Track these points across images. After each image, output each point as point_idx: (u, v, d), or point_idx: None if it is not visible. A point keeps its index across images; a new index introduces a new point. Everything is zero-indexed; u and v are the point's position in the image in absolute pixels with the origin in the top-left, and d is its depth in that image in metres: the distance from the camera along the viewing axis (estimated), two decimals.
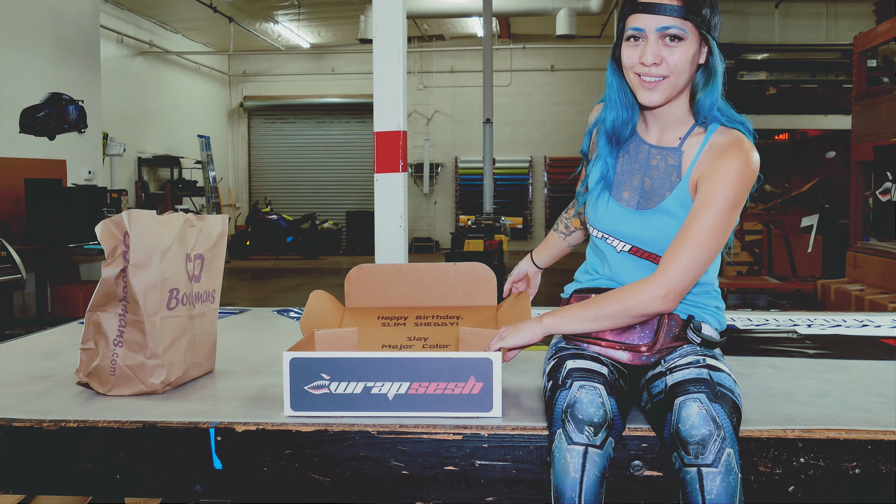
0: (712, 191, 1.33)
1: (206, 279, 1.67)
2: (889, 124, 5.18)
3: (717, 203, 1.32)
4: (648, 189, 1.44)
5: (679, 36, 1.33)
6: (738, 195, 1.33)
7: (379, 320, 1.83)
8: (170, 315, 1.55)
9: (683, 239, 1.33)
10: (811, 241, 6.40)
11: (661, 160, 1.44)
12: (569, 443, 1.20)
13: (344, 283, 1.91)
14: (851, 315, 2.40)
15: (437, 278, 1.88)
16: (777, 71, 9.43)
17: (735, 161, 1.33)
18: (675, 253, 1.33)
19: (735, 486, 1.15)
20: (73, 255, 5.67)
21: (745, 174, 1.33)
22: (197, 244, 1.63)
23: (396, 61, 3.13)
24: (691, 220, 1.34)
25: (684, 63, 1.35)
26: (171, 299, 1.55)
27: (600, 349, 1.39)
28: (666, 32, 1.33)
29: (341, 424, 1.35)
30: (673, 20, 1.32)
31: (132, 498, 1.72)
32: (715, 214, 1.32)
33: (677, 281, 1.33)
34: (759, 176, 1.37)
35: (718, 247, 1.35)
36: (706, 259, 1.33)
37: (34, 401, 1.50)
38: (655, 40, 1.34)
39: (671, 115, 1.44)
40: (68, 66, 6.09)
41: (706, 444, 1.15)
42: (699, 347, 1.39)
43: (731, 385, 1.26)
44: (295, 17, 11.33)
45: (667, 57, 1.34)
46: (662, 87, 1.36)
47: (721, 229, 1.33)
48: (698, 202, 1.35)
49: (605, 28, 11.37)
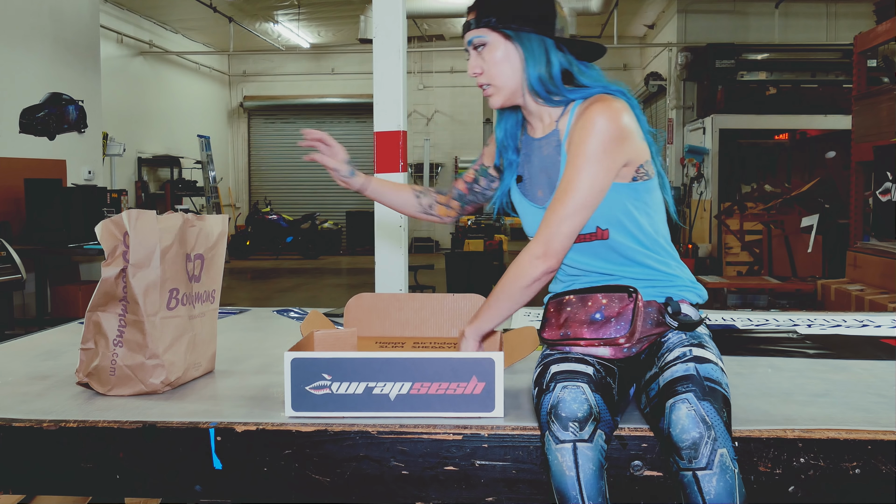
0: (575, 146, 1.38)
1: (206, 279, 1.67)
2: (889, 124, 5.18)
3: (581, 154, 1.36)
4: (550, 179, 1.49)
5: (482, 43, 1.45)
6: (604, 142, 1.35)
7: (377, 345, 1.84)
8: (170, 315, 1.55)
9: (556, 196, 1.38)
10: (811, 241, 6.40)
11: (548, 147, 1.50)
12: (556, 442, 1.20)
13: (343, 312, 1.91)
14: (851, 315, 2.40)
15: (435, 308, 1.88)
16: (777, 71, 9.43)
17: (593, 113, 1.36)
18: (547, 214, 1.38)
19: (733, 482, 1.15)
20: (73, 255, 5.67)
21: (604, 124, 1.35)
22: (197, 244, 1.63)
23: (396, 61, 3.13)
24: (564, 176, 1.39)
25: (496, 65, 1.45)
26: (170, 299, 1.55)
27: (582, 349, 1.39)
28: (475, 44, 1.46)
29: (341, 425, 1.34)
30: (471, 33, 1.46)
31: (132, 498, 1.72)
32: (581, 166, 1.35)
33: (553, 239, 1.36)
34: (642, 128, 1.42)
35: (592, 197, 1.36)
36: (581, 211, 1.36)
37: (34, 401, 1.50)
38: (473, 54, 1.48)
39: (538, 108, 1.50)
40: (68, 66, 6.09)
41: (698, 448, 1.15)
42: (685, 335, 1.38)
43: (719, 376, 1.27)
44: (295, 17, 11.32)
45: (484, 66, 1.46)
46: (491, 93, 1.48)
47: (590, 179, 1.35)
48: (566, 161, 1.40)
49: (604, 28, 11.37)
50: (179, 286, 1.57)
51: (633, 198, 1.42)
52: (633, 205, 1.42)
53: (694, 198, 9.63)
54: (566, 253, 1.39)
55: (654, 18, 11.26)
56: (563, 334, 1.40)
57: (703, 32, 9.86)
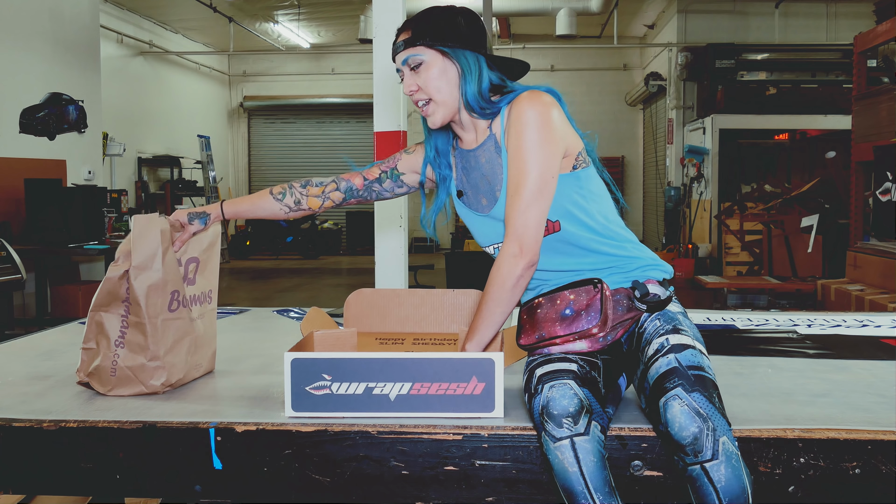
0: (515, 138, 1.41)
1: (201, 281, 1.67)
2: (889, 124, 5.18)
3: (523, 145, 1.39)
4: (492, 184, 1.51)
5: (419, 62, 1.47)
6: (540, 129, 1.38)
7: (377, 341, 1.84)
8: (171, 317, 1.55)
9: (509, 194, 1.41)
10: (811, 241, 6.40)
11: (486, 153, 1.52)
12: (554, 441, 1.21)
13: (343, 308, 1.91)
14: (851, 315, 2.40)
15: (435, 304, 1.88)
16: (777, 71, 9.43)
17: (524, 105, 1.40)
18: (508, 212, 1.41)
19: (738, 465, 1.17)
20: (73, 255, 5.66)
21: (537, 112, 1.39)
22: (189, 248, 1.63)
23: None
24: (509, 174, 1.41)
25: (434, 81, 1.46)
26: (172, 301, 1.55)
27: (560, 347, 1.39)
28: (408, 64, 1.48)
29: (341, 425, 1.35)
30: (407, 51, 1.48)
31: (132, 498, 1.72)
32: (526, 155, 1.38)
33: (524, 232, 1.38)
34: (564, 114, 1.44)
35: (545, 181, 1.39)
36: (539, 197, 1.38)
37: (34, 401, 1.50)
38: (408, 73, 1.49)
39: (470, 121, 1.53)
40: (68, 66, 6.09)
41: (700, 441, 1.17)
42: (660, 321, 1.38)
43: (700, 360, 1.28)
44: (295, 17, 11.32)
45: (419, 82, 1.48)
46: (432, 110, 1.50)
47: (539, 164, 1.38)
48: (509, 156, 1.42)
49: (604, 28, 11.37)
50: (179, 288, 1.57)
51: (576, 186, 1.45)
52: (578, 193, 1.45)
53: (694, 198, 9.64)
54: (540, 244, 1.41)
55: (654, 18, 11.26)
56: (538, 336, 1.41)
57: (703, 32, 9.86)
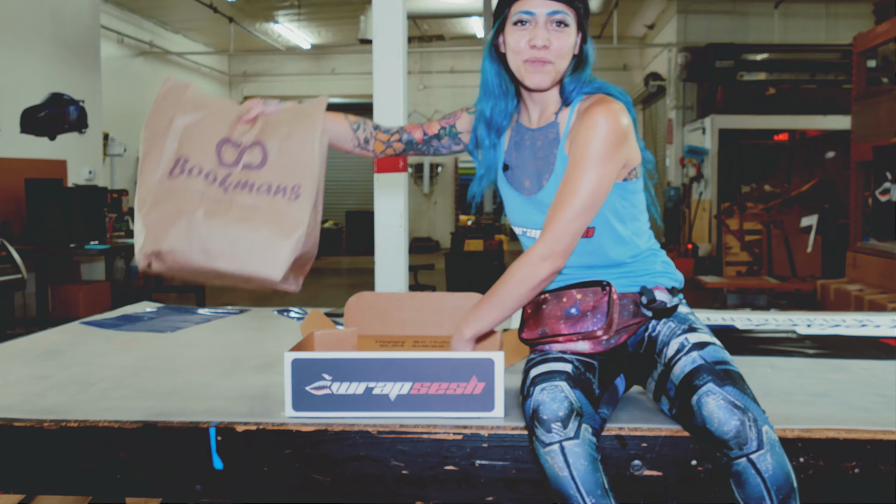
0: (580, 147, 1.37)
1: (275, 170, 1.47)
2: (889, 124, 5.18)
3: (585, 158, 1.35)
4: (540, 171, 1.48)
5: (565, 22, 1.39)
6: (606, 147, 1.35)
7: (377, 343, 1.84)
8: (168, 181, 1.49)
9: (558, 199, 1.37)
10: (811, 241, 6.40)
11: (543, 139, 1.48)
12: (543, 446, 1.21)
13: (343, 310, 1.91)
14: (851, 315, 2.40)
15: (435, 307, 1.88)
16: (777, 71, 9.43)
17: (598, 115, 1.36)
18: (551, 214, 1.37)
19: (781, 452, 1.18)
20: (74, 255, 5.66)
21: (609, 126, 1.35)
22: (251, 132, 1.51)
23: (396, 61, 3.13)
24: (565, 179, 1.38)
25: (568, 49, 1.41)
26: (175, 167, 1.50)
27: (560, 346, 1.39)
28: (554, 18, 1.38)
29: (341, 425, 1.35)
30: (561, 5, 1.38)
31: (132, 498, 1.72)
32: (587, 168, 1.35)
33: (557, 242, 1.36)
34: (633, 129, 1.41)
35: (597, 198, 1.36)
36: (586, 212, 1.36)
37: (34, 401, 1.50)
38: (545, 24, 1.38)
39: (550, 98, 1.48)
40: (69, 66, 6.09)
41: (743, 433, 1.17)
42: (673, 323, 1.38)
43: (724, 355, 1.30)
44: (295, 18, 11.32)
45: (554, 42, 1.39)
46: (547, 70, 1.40)
47: (594, 183, 1.35)
48: (570, 161, 1.39)
49: (604, 28, 11.37)
50: (203, 163, 1.49)
51: (622, 196, 1.44)
52: (620, 203, 1.44)
53: (694, 198, 9.63)
54: (570, 253, 1.39)
55: (654, 19, 11.26)
56: (540, 332, 1.41)
57: (703, 33, 9.85)
